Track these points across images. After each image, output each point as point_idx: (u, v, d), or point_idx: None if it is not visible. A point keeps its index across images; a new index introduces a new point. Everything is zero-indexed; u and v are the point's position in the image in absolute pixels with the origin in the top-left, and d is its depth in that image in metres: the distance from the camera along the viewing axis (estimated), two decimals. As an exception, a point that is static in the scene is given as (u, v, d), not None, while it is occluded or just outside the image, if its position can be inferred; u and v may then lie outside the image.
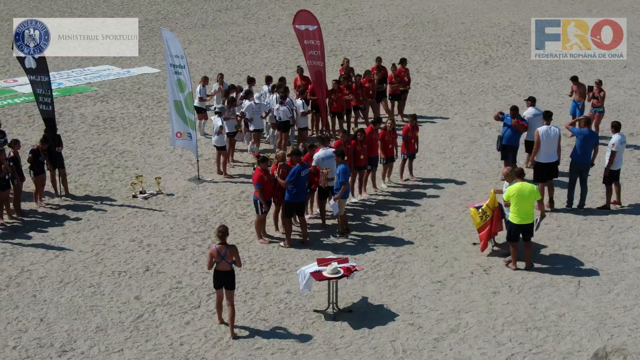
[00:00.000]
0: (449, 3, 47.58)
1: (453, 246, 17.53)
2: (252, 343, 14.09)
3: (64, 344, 14.09)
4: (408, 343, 14.02)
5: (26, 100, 27.94)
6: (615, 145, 18.83)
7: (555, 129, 18.90)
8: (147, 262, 16.91)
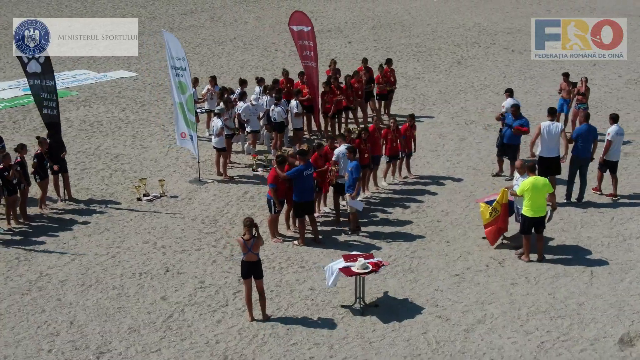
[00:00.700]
0: (412, 5, 48.22)
1: (464, 241, 17.93)
2: (287, 339, 14.27)
3: (100, 345, 14.10)
4: (439, 335, 14.34)
5: (7, 105, 27.66)
6: (611, 135, 19.56)
7: (557, 124, 19.49)
8: (165, 264, 16.97)
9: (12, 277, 16.45)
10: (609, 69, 32.28)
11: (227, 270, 16.76)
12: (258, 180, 21.56)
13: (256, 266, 14.53)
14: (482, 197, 18.67)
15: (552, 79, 31.83)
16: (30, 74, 19.36)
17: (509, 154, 20.97)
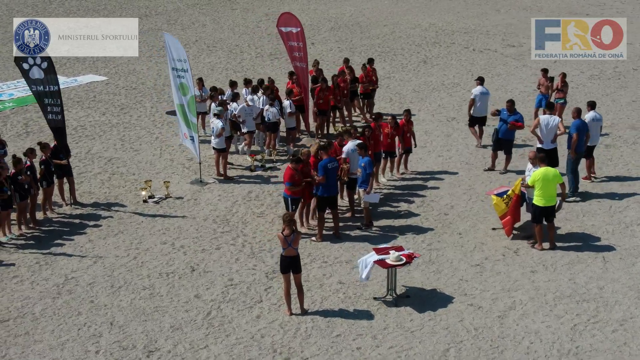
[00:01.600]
0: (364, 7, 48.88)
1: (475, 232, 18.54)
2: (330, 331, 14.63)
3: (146, 344, 14.25)
4: (476, 322, 14.87)
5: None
6: (587, 121, 20.69)
7: (555, 117, 20.27)
8: (189, 263, 17.15)
9: (37, 281, 16.40)
10: (570, 66, 33.33)
11: (252, 267, 16.98)
12: (259, 180, 21.72)
13: (295, 261, 14.84)
14: (492, 189, 19.17)
15: (518, 76, 32.85)
16: (32, 80, 19.19)
17: (504, 148, 21.63)
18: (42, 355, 13.89)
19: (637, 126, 26.16)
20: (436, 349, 13.97)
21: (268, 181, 21.63)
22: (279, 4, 49.28)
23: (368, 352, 13.93)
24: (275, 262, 17.13)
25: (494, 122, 22.79)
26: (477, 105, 23.51)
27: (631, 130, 25.72)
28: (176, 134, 25.33)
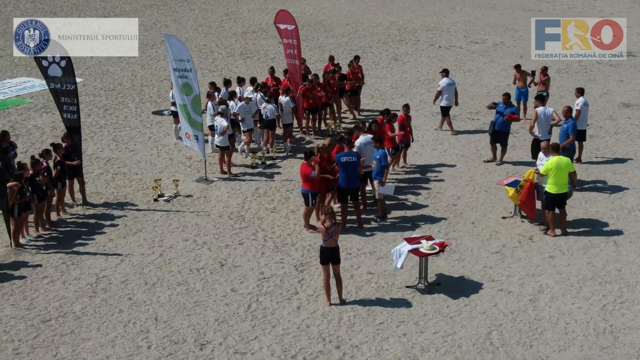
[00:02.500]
0: (322, 6, 49.39)
1: (486, 221, 19.21)
2: (372, 319, 15.09)
3: (197, 338, 14.51)
4: (509, 306, 15.50)
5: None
6: (580, 105, 21.94)
7: (550, 109, 21.17)
8: (216, 259, 17.43)
9: (68, 281, 16.47)
10: (535, 62, 34.33)
11: (280, 261, 17.33)
12: (263, 177, 22.04)
13: (335, 252, 15.23)
14: (502, 180, 19.82)
15: (488, 71, 33.75)
16: (50, 77, 19.19)
17: (500, 140, 22.36)
18: (94, 353, 13.98)
19: (614, 117, 27.17)
20: (479, 333, 14.48)
21: (272, 177, 21.96)
22: (236, 4, 49.41)
23: (414, 338, 14.37)
24: (302, 255, 17.51)
25: (476, 113, 23.46)
26: (444, 95, 24.44)
27: (610, 120, 26.73)
28: (168, 133, 25.46)
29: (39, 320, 15.00)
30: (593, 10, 47.29)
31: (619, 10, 46.26)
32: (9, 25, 38.12)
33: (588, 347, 14.02)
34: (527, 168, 20.86)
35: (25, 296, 15.83)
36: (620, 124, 26.29)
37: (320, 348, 14.07)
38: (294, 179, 21.74)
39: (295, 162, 22.88)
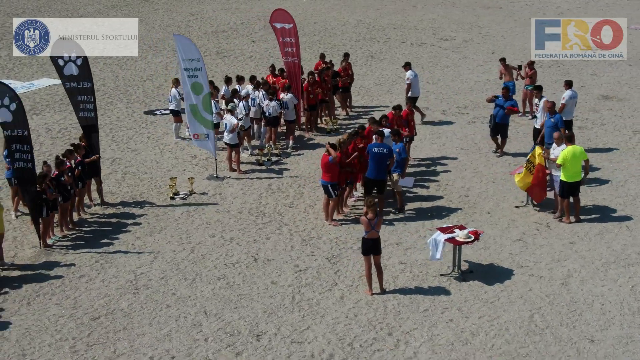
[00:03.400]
0: (284, 5, 49.40)
1: (501, 211, 19.89)
2: (416, 307, 15.62)
3: (251, 329, 14.82)
4: (544, 290, 16.19)
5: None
6: (566, 99, 22.75)
7: (543, 98, 21.95)
8: (248, 253, 17.76)
9: (107, 279, 16.64)
10: (506, 57, 35.28)
11: (311, 254, 17.74)
12: (272, 174, 22.39)
13: (376, 243, 15.70)
14: (513, 170, 20.51)
15: (465, 67, 34.61)
16: (66, 77, 19.23)
17: (500, 132, 23.10)
18: (152, 347, 14.20)
19: (597, 109, 28.17)
20: (522, 316, 15.11)
21: (282, 174, 22.32)
22: (200, 4, 49.48)
23: (462, 323, 14.92)
24: (331, 248, 17.96)
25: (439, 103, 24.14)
26: (413, 87, 25.39)
27: (594, 112, 27.74)
28: (166, 133, 25.62)
29: (88, 318, 15.09)
30: (550, 6, 48.50)
31: (575, 7, 47.54)
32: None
33: (627, 325, 14.72)
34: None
35: (67, 295, 15.92)
36: (604, 115, 27.24)
37: (373, 335, 14.48)
38: (302, 174, 22.16)
39: (300, 159, 23.38)
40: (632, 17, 43.52)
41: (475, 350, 14.05)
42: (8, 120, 17.32)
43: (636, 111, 27.76)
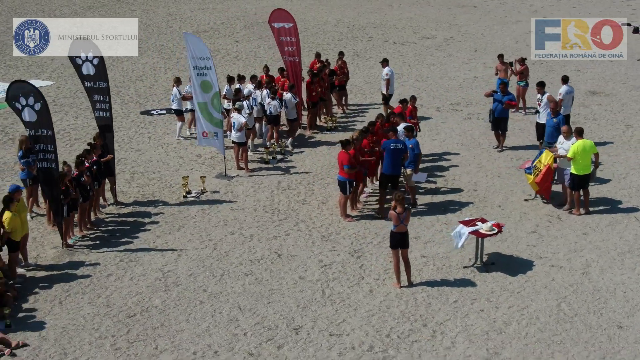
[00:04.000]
0: (261, 5, 49.90)
1: (511, 204, 20.35)
2: (445, 299, 15.99)
3: (287, 323, 15.07)
4: (566, 279, 16.66)
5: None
6: (563, 94, 23.44)
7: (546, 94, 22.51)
8: (270, 249, 18.00)
9: (135, 277, 16.76)
10: (489, 54, 36.01)
11: (332, 249, 18.03)
12: (279, 171, 22.62)
13: (405, 237, 16.05)
14: (522, 164, 20.98)
15: (451, 65, 35.13)
16: (84, 76, 19.27)
17: (500, 126, 23.61)
18: (194, 343, 14.38)
19: (586, 104, 28.83)
20: (549, 305, 15.55)
21: (289, 171, 22.56)
22: (176, 5, 49.45)
23: (493, 313, 15.31)
24: (351, 243, 18.26)
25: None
26: (390, 84, 25.99)
27: (584, 107, 28.38)
28: (167, 132, 25.72)
29: (124, 316, 15.21)
30: (523, 4, 49.32)
31: (548, 5, 48.39)
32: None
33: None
34: (527, 152, 22.87)
35: (98, 294, 16.02)
36: (595, 110, 27.90)
37: (409, 327, 14.80)
38: (310, 172, 22.37)
39: (305, 157, 23.68)
40: (605, 15, 44.39)
41: (511, 338, 14.39)
42: (32, 120, 17.26)
43: (625, 105, 28.38)
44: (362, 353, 14.02)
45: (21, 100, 16.91)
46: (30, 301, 15.82)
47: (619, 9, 47.60)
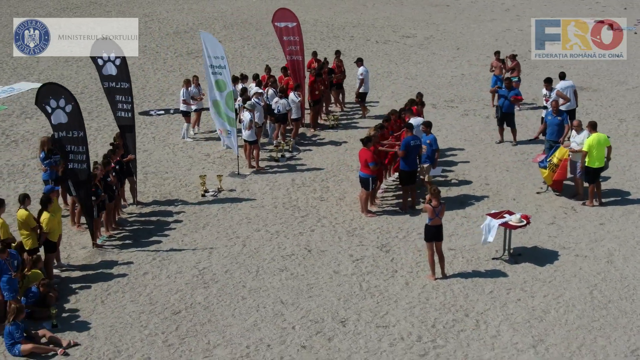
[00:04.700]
0: (236, 5, 50.12)
1: (525, 197, 20.89)
2: (481, 290, 16.44)
3: (333, 316, 15.39)
4: (593, 268, 17.22)
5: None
6: (563, 88, 23.81)
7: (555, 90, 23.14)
8: (299, 245, 18.27)
9: (172, 275, 16.94)
10: (472, 52, 36.67)
11: (360, 244, 18.38)
12: (290, 169, 22.95)
13: (439, 230, 16.47)
14: (535, 158, 21.54)
15: (437, 62, 35.69)
16: (105, 76, 19.34)
17: (507, 121, 24.18)
18: (245, 337, 14.63)
19: (578, 100, 29.43)
20: (582, 293, 16.09)
21: (301, 169, 22.83)
22: (150, 6, 49.36)
23: (530, 302, 15.80)
24: (377, 237, 18.63)
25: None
26: (365, 83, 26.46)
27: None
28: (170, 132, 25.84)
29: (170, 313, 15.39)
30: (495, 3, 50.20)
31: (519, 3, 49.24)
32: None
33: (681, 297, 15.78)
34: (528, 146, 23.68)
35: (138, 292, 16.15)
36: (586, 105, 28.62)
37: (451, 317, 15.21)
38: (321, 169, 22.63)
39: (313, 155, 24.09)
40: (576, 12, 45.46)
41: (552, 326, 14.86)
42: (63, 121, 17.25)
43: (613, 100, 29.16)
44: (412, 343, 14.31)
45: (51, 102, 16.90)
46: (72, 301, 15.84)
47: (588, 6, 48.40)
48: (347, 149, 24.23)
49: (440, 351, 14.14)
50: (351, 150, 23.96)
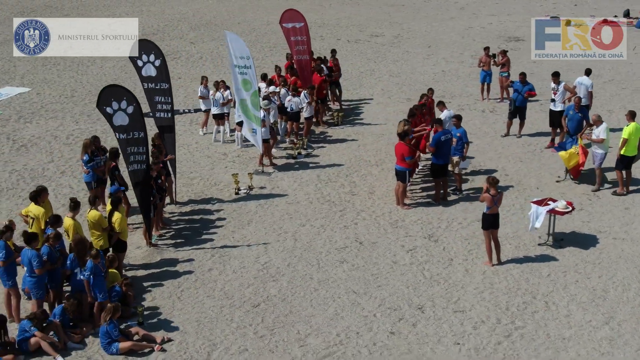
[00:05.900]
0: (195, 7, 50.23)
1: (546, 186, 21.82)
2: (539, 273, 17.25)
3: (409, 303, 16.06)
4: (634, 249, 18.18)
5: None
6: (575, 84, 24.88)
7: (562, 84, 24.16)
8: (348, 238, 18.82)
9: (237, 270, 17.31)
10: (443, 50, 37.76)
11: (406, 235, 19.05)
12: (312, 166, 23.42)
13: (497, 219, 17.29)
14: (548, 145, 22.50)
15: (415, 61, 36.57)
16: (145, 77, 19.55)
17: (519, 115, 25.19)
18: (331, 326, 15.15)
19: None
20: (632, 273, 17.17)
21: (322, 165, 23.34)
22: (109, 8, 49.14)
23: (588, 283, 16.82)
24: (421, 228, 19.31)
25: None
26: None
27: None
28: (180, 134, 26.00)
29: (250, 306, 15.79)
30: (448, 1, 51.52)
31: (472, 1, 50.63)
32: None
33: None
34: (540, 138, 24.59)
35: (211, 287, 16.49)
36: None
37: (521, 300, 16.02)
38: (342, 165, 23.17)
39: (329, 151, 24.75)
40: (528, 10, 47.07)
41: (616, 304, 15.81)
42: (124, 123, 17.41)
43: (596, 93, 30.30)
44: (494, 325, 15.04)
45: (113, 104, 17.02)
46: (149, 299, 15.98)
47: (540, 3, 50.01)
48: (359, 145, 24.82)
49: (523, 332, 14.82)
50: (364, 146, 24.60)
